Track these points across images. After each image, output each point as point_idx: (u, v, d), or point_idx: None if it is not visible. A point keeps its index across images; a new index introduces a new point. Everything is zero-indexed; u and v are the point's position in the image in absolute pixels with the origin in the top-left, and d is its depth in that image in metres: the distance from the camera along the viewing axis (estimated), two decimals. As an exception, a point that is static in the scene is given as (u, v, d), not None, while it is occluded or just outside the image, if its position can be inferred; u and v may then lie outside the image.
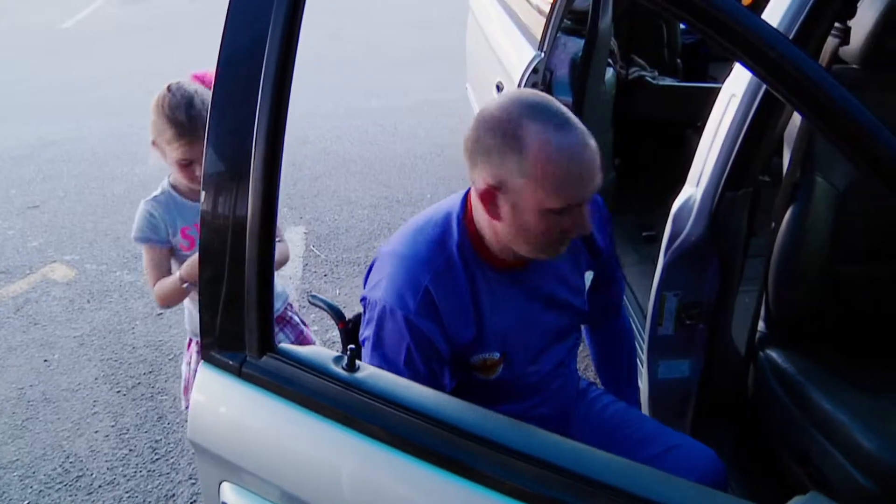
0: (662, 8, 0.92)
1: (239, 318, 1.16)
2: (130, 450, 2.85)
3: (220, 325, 1.20)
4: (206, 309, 1.20)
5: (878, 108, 1.81)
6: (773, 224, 2.07)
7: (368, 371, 1.14)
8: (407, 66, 7.40)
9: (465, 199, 1.55)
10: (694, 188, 1.87)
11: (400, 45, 8.24)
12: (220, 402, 1.25)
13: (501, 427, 1.07)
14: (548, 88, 3.06)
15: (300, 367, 1.15)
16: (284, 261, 2.19)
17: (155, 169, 2.06)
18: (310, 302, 1.94)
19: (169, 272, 2.05)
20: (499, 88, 3.25)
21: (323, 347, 1.24)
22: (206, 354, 1.22)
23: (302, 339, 2.27)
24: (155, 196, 2.04)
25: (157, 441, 2.89)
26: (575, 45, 3.14)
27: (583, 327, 1.92)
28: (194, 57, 6.19)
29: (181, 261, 2.03)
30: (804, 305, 2.11)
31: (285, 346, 1.19)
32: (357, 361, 1.14)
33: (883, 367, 2.08)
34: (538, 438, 1.05)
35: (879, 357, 2.11)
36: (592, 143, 1.38)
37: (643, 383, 2.20)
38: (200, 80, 1.96)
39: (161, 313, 3.64)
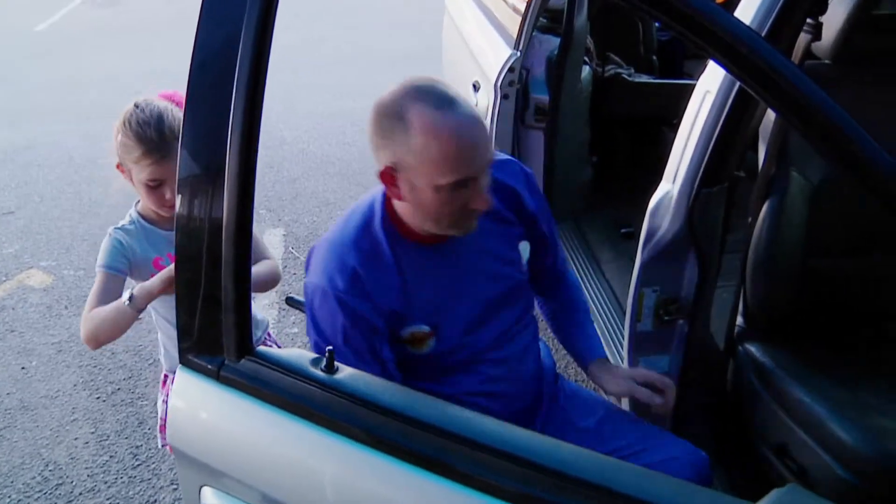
0: (635, 6, 0.92)
1: (216, 322, 1.16)
2: (111, 456, 2.83)
3: (197, 328, 1.19)
4: (184, 313, 1.20)
5: (850, 104, 1.83)
6: (750, 219, 2.09)
7: (347, 372, 1.14)
8: (384, 66, 7.39)
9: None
10: (670, 184, 1.88)
11: (377, 46, 8.23)
12: (198, 406, 1.25)
13: (481, 425, 1.07)
14: (524, 87, 3.07)
15: (279, 369, 1.14)
16: (274, 281, 2.06)
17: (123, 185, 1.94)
18: (287, 303, 1.93)
19: (110, 302, 1.83)
20: (475, 87, 3.25)
21: (302, 350, 1.23)
22: (184, 359, 1.22)
23: None
24: (124, 225, 1.91)
25: (137, 447, 2.87)
26: (551, 43, 3.15)
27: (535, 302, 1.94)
28: (171, 59, 6.16)
29: None
30: (781, 299, 2.13)
31: (263, 348, 1.19)
32: (336, 363, 1.14)
33: (860, 359, 2.11)
34: (517, 436, 1.05)
35: (857, 349, 2.13)
36: (476, 119, 1.46)
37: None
38: (169, 98, 1.87)
39: (141, 318, 3.61)
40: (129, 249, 1.88)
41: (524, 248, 1.75)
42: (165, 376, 2.14)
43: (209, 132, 1.09)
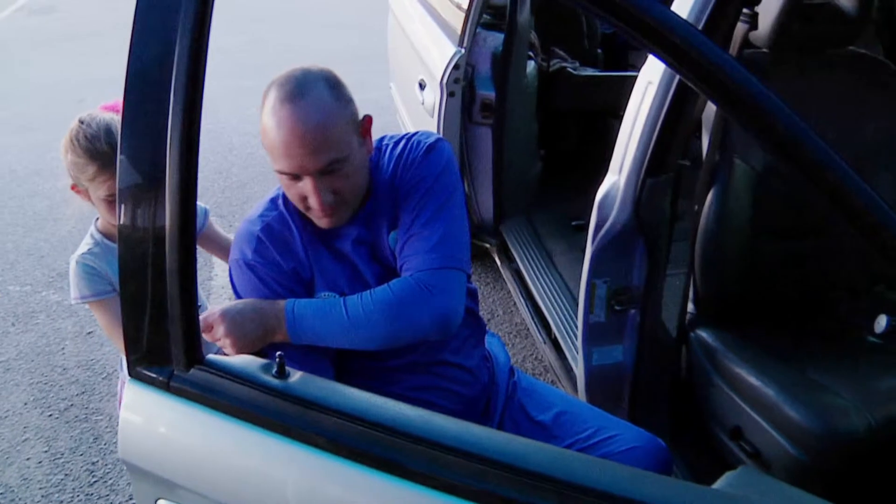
0: (573, 3, 0.93)
1: (164, 332, 1.14)
2: (66, 474, 2.77)
3: (146, 340, 1.17)
4: (131, 325, 1.18)
5: (788, 90, 1.86)
6: (696, 207, 2.12)
7: (298, 376, 1.13)
8: (329, 67, 7.35)
9: None
10: (616, 176, 1.90)
11: (321, 47, 8.18)
12: (149, 418, 1.23)
13: (436, 424, 1.07)
14: (470, 84, 3.08)
15: (229, 377, 1.13)
16: None
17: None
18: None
19: None
20: (421, 86, 3.25)
21: (252, 356, 1.22)
22: (133, 371, 1.20)
23: None
24: (89, 249, 1.86)
25: (93, 463, 2.82)
26: (495, 39, 3.16)
27: None
28: (113, 66, 6.03)
29: None
30: (730, 285, 2.17)
31: (213, 356, 1.17)
32: (287, 368, 1.13)
33: (809, 340, 2.15)
34: (472, 433, 1.05)
35: (805, 330, 2.18)
36: (313, 121, 1.46)
37: (578, 371, 2.23)
38: (112, 109, 1.82)
39: (91, 331, 3.55)
40: (100, 271, 1.84)
41: (392, 236, 1.68)
42: (122, 382, 2.11)
43: (148, 141, 1.07)
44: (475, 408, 1.78)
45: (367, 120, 1.61)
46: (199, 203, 2.00)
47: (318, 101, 1.48)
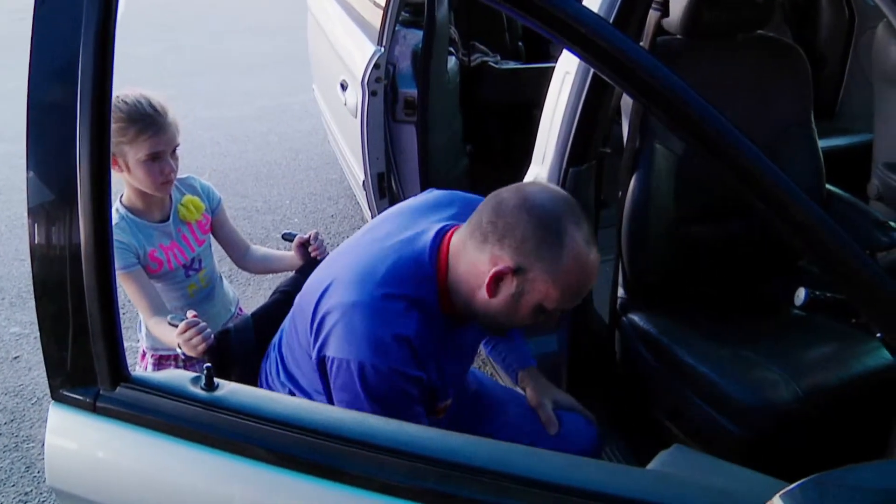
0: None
1: (87, 351, 1.11)
2: (-3, 505, 2.68)
3: (69, 361, 1.14)
4: (51, 346, 1.14)
5: (701, 75, 1.90)
6: (620, 193, 2.15)
7: (228, 388, 1.12)
8: (251, 72, 7.26)
9: (436, 247, 1.49)
10: (539, 166, 1.92)
11: (241, 51, 8.07)
12: (77, 441, 1.20)
13: (370, 426, 1.06)
14: (392, 82, 3.07)
15: (157, 393, 1.11)
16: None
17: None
18: (169, 323, 1.88)
19: (157, 294, 1.98)
20: (343, 87, 3.23)
21: (180, 370, 1.20)
22: (56, 394, 1.16)
23: None
24: (115, 223, 1.93)
25: (27, 493, 2.73)
26: (415, 36, 3.15)
27: None
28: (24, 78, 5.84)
29: None
30: (657, 268, 2.21)
31: (139, 373, 1.15)
32: (215, 379, 1.11)
33: (739, 317, 2.21)
34: (408, 432, 1.05)
35: (734, 309, 2.23)
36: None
37: (516, 363, 2.24)
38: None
39: (18, 356, 3.44)
40: (128, 245, 1.94)
41: None
42: (144, 351, 2.20)
43: (56, 156, 1.04)
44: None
45: None
46: (214, 190, 2.16)
47: None
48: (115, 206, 2.00)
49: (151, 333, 2.06)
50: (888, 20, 1.58)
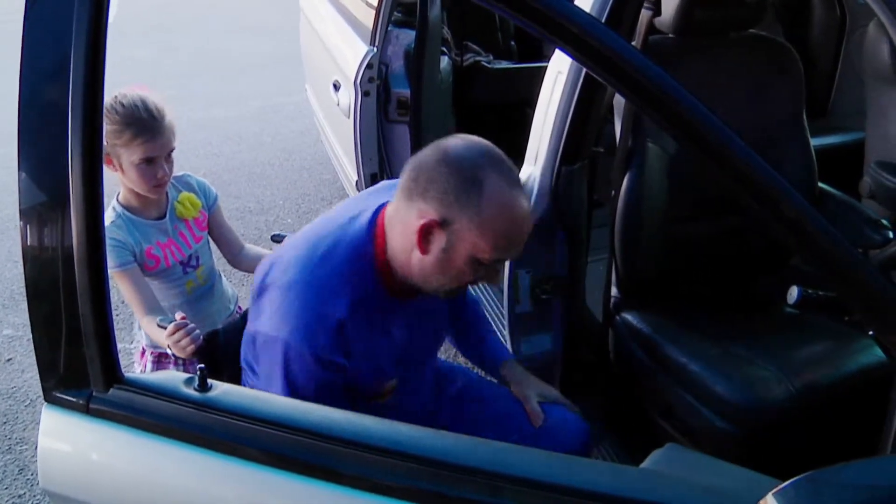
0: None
1: (80, 353, 1.11)
2: (-9, 508, 2.68)
3: (62, 363, 1.14)
4: (44, 348, 1.14)
5: (693, 73, 1.91)
6: (613, 192, 2.15)
7: (221, 388, 1.11)
8: (245, 72, 7.24)
9: (373, 223, 1.50)
10: (532, 166, 1.92)
11: (235, 51, 8.05)
12: (70, 443, 1.19)
13: (363, 426, 1.06)
14: (384, 82, 3.07)
15: (150, 394, 1.11)
16: None
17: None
18: (158, 325, 1.88)
19: (152, 294, 1.98)
20: (336, 87, 3.23)
21: (174, 371, 1.20)
22: (49, 396, 1.16)
23: None
24: (112, 221, 1.97)
25: (20, 496, 2.72)
26: (407, 36, 3.16)
27: None
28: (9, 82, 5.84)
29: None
30: (650, 266, 2.21)
31: (133, 375, 1.15)
32: (209, 380, 1.11)
33: (732, 316, 2.21)
34: (401, 432, 1.05)
35: (725, 307, 2.24)
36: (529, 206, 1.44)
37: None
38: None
39: (10, 358, 3.43)
40: (125, 243, 1.95)
41: None
42: (143, 349, 2.19)
43: (48, 158, 1.04)
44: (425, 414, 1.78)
45: None
46: (211, 188, 2.17)
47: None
48: (112, 204, 2.02)
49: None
50: (879, 18, 1.58)
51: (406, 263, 1.45)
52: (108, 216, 1.98)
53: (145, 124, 1.89)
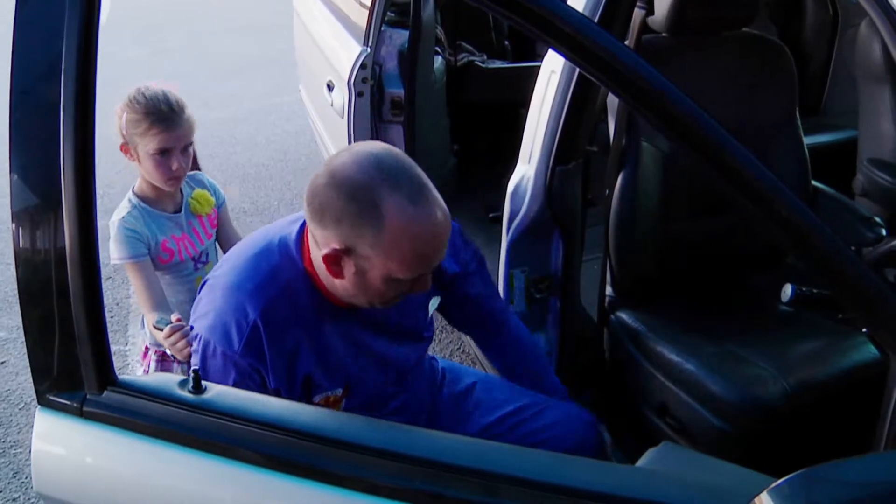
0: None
1: (73, 355, 1.10)
2: (-15, 512, 2.67)
3: (56, 365, 1.14)
4: (38, 351, 1.14)
5: (686, 72, 1.91)
6: (607, 191, 2.16)
7: (216, 390, 1.11)
8: (238, 72, 7.23)
9: (302, 231, 1.46)
10: (526, 165, 1.92)
11: (228, 51, 8.03)
12: (64, 446, 1.19)
13: (356, 427, 1.06)
14: (378, 82, 3.06)
15: (145, 396, 1.10)
16: None
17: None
18: (154, 327, 1.87)
19: (160, 289, 2.01)
20: (329, 87, 3.22)
21: (168, 373, 1.19)
22: (42, 399, 1.15)
23: None
24: (128, 212, 2.02)
25: (14, 499, 2.71)
26: (401, 36, 3.15)
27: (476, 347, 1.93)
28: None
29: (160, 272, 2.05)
30: (644, 265, 2.21)
31: (127, 377, 1.14)
32: (203, 382, 1.11)
33: (725, 313, 2.21)
34: (394, 432, 1.05)
35: (719, 305, 2.24)
36: (443, 213, 1.34)
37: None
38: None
39: (4, 361, 3.42)
40: (141, 234, 2.00)
41: (434, 302, 1.68)
42: (147, 348, 2.20)
43: (40, 160, 1.04)
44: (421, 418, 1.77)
45: None
46: (219, 188, 2.22)
47: (430, 187, 1.35)
48: (127, 195, 2.07)
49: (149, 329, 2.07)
50: (871, 17, 1.59)
51: (329, 281, 1.41)
52: (124, 207, 2.04)
53: (163, 115, 1.94)
